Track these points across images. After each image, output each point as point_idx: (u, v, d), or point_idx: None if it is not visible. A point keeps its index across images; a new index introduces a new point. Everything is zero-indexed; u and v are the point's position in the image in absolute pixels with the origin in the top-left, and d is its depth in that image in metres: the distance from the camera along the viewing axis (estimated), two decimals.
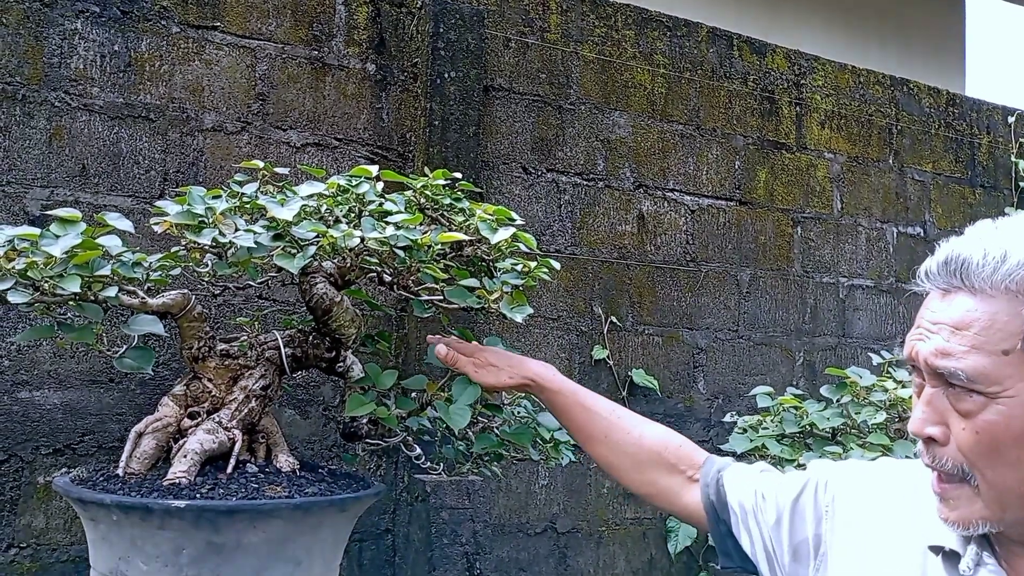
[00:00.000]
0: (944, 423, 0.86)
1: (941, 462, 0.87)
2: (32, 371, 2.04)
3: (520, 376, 1.35)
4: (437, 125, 2.44)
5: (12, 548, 2.01)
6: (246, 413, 1.53)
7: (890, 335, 3.38)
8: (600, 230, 2.79)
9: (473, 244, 1.53)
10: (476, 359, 1.40)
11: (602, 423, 1.28)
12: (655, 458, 1.24)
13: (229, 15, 2.30)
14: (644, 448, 1.25)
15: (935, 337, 0.86)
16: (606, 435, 1.28)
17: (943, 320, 0.86)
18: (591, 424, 1.30)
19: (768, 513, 1.09)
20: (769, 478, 1.14)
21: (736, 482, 1.16)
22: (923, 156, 3.54)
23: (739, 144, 3.09)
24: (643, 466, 1.25)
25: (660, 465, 1.23)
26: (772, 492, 1.10)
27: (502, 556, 2.55)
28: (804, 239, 3.21)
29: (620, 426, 1.28)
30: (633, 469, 1.26)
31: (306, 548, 1.43)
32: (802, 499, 1.07)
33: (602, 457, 1.30)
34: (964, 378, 0.83)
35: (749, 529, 1.11)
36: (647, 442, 1.25)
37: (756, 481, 1.14)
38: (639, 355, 2.83)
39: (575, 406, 1.31)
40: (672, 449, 1.24)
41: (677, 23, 2.99)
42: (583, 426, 1.31)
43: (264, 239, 1.38)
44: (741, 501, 1.13)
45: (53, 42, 2.10)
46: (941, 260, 0.88)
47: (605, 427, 1.28)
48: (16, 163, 2.06)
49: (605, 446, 1.28)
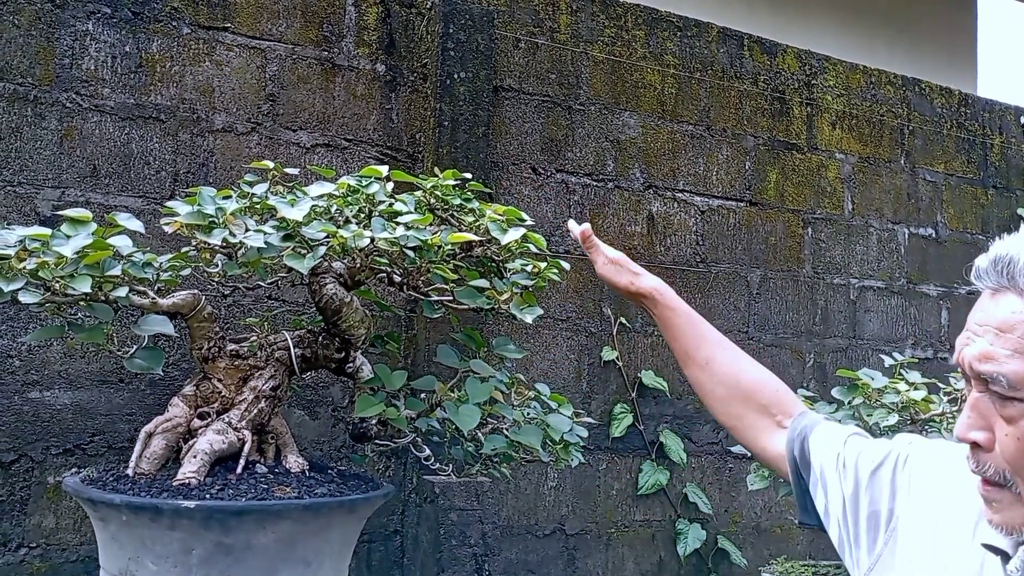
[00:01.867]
0: (990, 428, 0.84)
1: (984, 468, 0.85)
2: (43, 371, 2.05)
3: (643, 286, 1.38)
4: (447, 126, 2.44)
5: (22, 548, 2.01)
6: (256, 414, 1.53)
7: (901, 337, 3.36)
8: (610, 231, 2.78)
9: (483, 244, 1.53)
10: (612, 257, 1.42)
11: (707, 348, 1.32)
12: (748, 395, 1.27)
13: (240, 16, 2.30)
14: (741, 383, 1.28)
15: (980, 340, 0.83)
16: (708, 361, 1.31)
17: (989, 322, 0.83)
18: (697, 347, 1.33)
19: (847, 481, 1.09)
20: (854, 444, 1.14)
21: (821, 444, 1.16)
22: (935, 157, 3.52)
23: (749, 144, 3.08)
24: (734, 400, 1.28)
25: (751, 403, 1.26)
26: (852, 460, 1.10)
27: (511, 557, 2.55)
28: (815, 240, 3.20)
29: (723, 357, 1.31)
30: (724, 400, 1.29)
31: (315, 549, 1.43)
32: (881, 472, 1.07)
33: (697, 380, 1.33)
34: (1005, 384, 0.80)
35: (827, 492, 1.12)
36: (745, 378, 1.28)
37: (840, 446, 1.14)
38: (648, 356, 2.82)
39: (686, 326, 1.35)
40: (768, 392, 1.27)
41: (687, 23, 2.98)
42: (688, 347, 1.34)
43: (274, 239, 1.38)
44: (823, 464, 1.13)
45: (64, 43, 2.11)
46: (991, 258, 0.85)
47: (708, 354, 1.32)
48: (27, 164, 2.06)
49: (704, 371, 1.31)
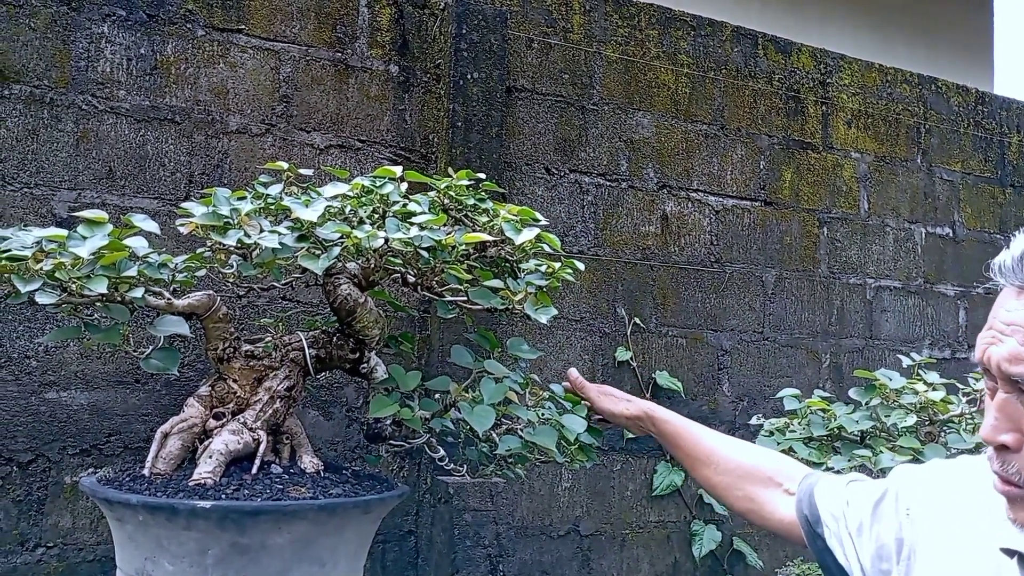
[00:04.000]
0: (1018, 430, 0.82)
1: (1009, 469, 0.83)
2: (59, 372, 2.06)
3: (636, 408, 1.50)
4: (460, 126, 2.44)
5: (39, 548, 2.02)
6: (271, 414, 1.53)
7: (918, 337, 3.34)
8: (623, 231, 2.77)
9: (497, 245, 1.53)
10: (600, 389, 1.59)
11: (706, 445, 1.39)
12: (753, 472, 1.31)
13: (254, 18, 2.31)
14: (744, 464, 1.32)
15: (1009, 340, 0.81)
16: (709, 456, 1.37)
17: (1018, 321, 0.81)
18: (697, 447, 1.40)
19: (852, 520, 1.10)
20: (856, 486, 1.15)
21: (827, 494, 1.16)
22: (952, 155, 3.49)
23: (764, 144, 3.06)
24: (743, 481, 1.31)
25: (757, 479, 1.29)
26: (855, 499, 1.11)
27: (525, 558, 2.54)
28: (830, 240, 3.17)
29: (722, 446, 1.37)
30: (733, 485, 1.33)
31: (330, 549, 1.43)
32: (882, 505, 1.07)
33: (706, 478, 1.38)
34: None
35: (841, 539, 1.11)
36: (745, 459, 1.34)
37: (844, 491, 1.15)
38: (663, 357, 2.80)
39: (683, 432, 1.43)
40: (770, 464, 1.31)
41: (701, 22, 2.97)
42: (691, 450, 1.41)
43: (289, 240, 1.38)
44: (832, 512, 1.13)
45: (80, 46, 2.12)
46: (1017, 255, 0.82)
47: (709, 449, 1.38)
48: (44, 166, 2.08)
49: (709, 467, 1.36)
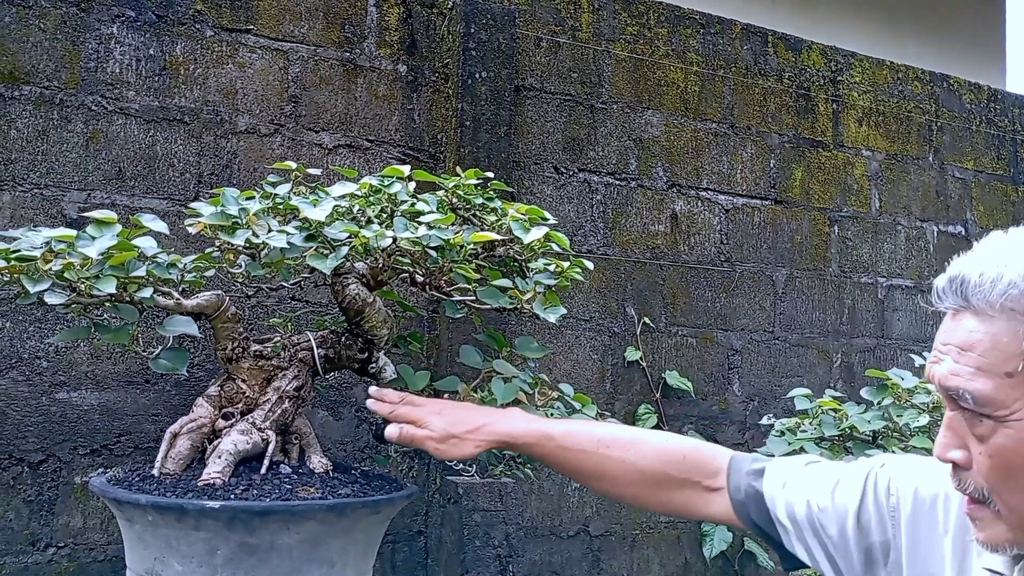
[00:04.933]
0: (966, 447, 0.84)
1: (965, 486, 0.85)
2: (70, 372, 2.07)
3: (487, 439, 1.26)
4: (468, 125, 2.44)
5: (50, 548, 2.03)
6: (279, 414, 1.53)
7: (931, 336, 3.29)
8: (633, 230, 2.76)
9: (505, 244, 1.52)
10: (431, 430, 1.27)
11: (591, 460, 1.20)
12: (659, 479, 1.17)
13: (262, 18, 2.31)
14: (644, 472, 1.17)
15: (946, 359, 0.84)
16: (599, 471, 1.20)
17: (952, 341, 0.84)
18: (580, 464, 1.22)
19: (830, 526, 1.03)
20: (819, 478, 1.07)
21: (781, 493, 1.08)
22: (964, 153, 3.46)
23: (774, 142, 3.05)
24: (650, 489, 1.18)
25: (667, 484, 1.16)
26: (828, 499, 1.04)
27: (535, 559, 2.53)
28: (841, 238, 3.16)
29: (610, 456, 1.19)
30: (642, 496, 1.20)
31: (340, 549, 1.43)
32: (865, 506, 1.02)
33: (606, 492, 1.24)
34: (971, 401, 0.81)
35: (807, 543, 1.06)
36: (644, 464, 1.17)
37: (806, 487, 1.07)
38: (673, 356, 2.79)
39: (556, 451, 1.22)
40: (675, 463, 1.16)
41: (710, 20, 2.95)
42: (574, 468, 1.23)
43: (297, 240, 1.38)
44: (793, 515, 1.06)
45: (90, 47, 2.13)
46: (947, 278, 0.86)
47: (595, 463, 1.20)
48: (54, 166, 2.08)
49: (604, 482, 1.21)
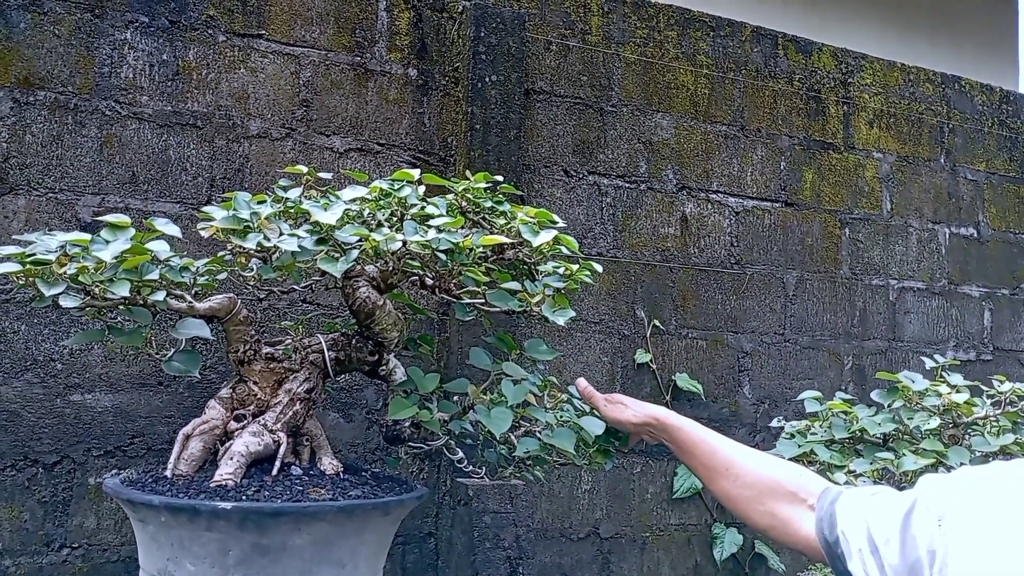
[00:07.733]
0: None
1: None
2: (84, 374, 2.09)
3: (644, 414, 1.46)
4: (478, 129, 2.45)
5: (64, 548, 2.05)
6: (291, 416, 1.54)
7: (942, 339, 3.30)
8: (642, 233, 2.77)
9: (515, 247, 1.53)
10: (608, 397, 1.55)
11: (723, 456, 1.33)
12: (775, 486, 1.25)
13: (274, 23, 2.33)
14: (764, 478, 1.27)
15: None
16: (727, 468, 1.32)
17: None
18: (714, 457, 1.35)
19: (878, 536, 1.05)
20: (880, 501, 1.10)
21: (849, 512, 1.12)
22: (976, 155, 3.45)
23: (784, 144, 3.04)
24: (763, 496, 1.26)
25: (779, 494, 1.24)
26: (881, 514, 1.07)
27: (545, 561, 2.54)
28: (852, 241, 3.15)
29: (742, 458, 1.32)
30: (754, 499, 1.28)
31: (350, 550, 1.44)
32: (912, 519, 1.02)
33: (724, 491, 1.33)
34: None
35: (864, 560, 1.07)
36: (766, 472, 1.28)
37: (866, 507, 1.10)
38: (683, 359, 2.79)
39: (699, 441, 1.37)
40: (792, 478, 1.25)
41: (720, 23, 2.95)
42: (707, 461, 1.36)
43: (308, 243, 1.39)
44: (855, 530, 1.09)
45: (103, 52, 2.15)
46: None
47: (726, 460, 1.33)
48: (68, 171, 2.11)
49: (727, 479, 1.32)
